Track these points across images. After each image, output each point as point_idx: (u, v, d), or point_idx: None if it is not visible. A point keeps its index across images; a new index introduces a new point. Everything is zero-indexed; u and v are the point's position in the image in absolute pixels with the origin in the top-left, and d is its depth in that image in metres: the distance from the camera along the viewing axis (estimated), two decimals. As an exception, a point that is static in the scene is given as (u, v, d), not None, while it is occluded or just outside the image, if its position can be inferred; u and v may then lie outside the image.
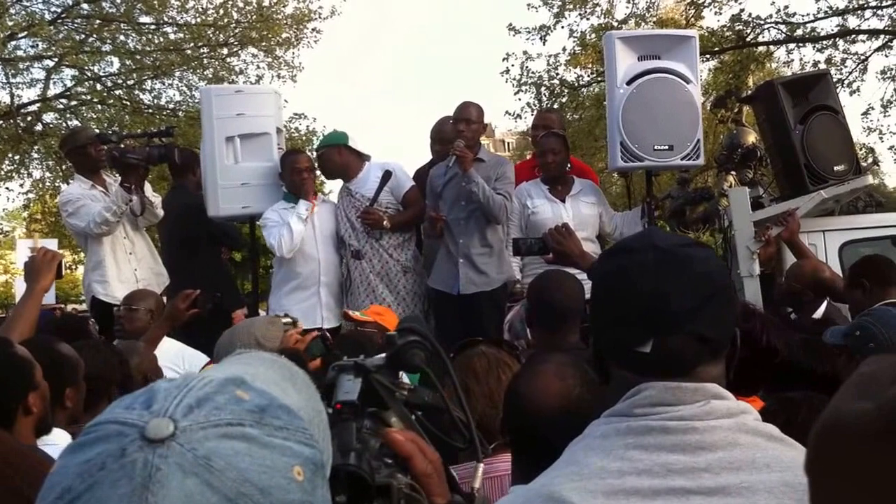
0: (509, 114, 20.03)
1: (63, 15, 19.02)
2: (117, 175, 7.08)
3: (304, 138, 20.34)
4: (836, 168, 6.86)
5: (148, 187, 7.24)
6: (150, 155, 6.91)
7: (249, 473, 0.91)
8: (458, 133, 6.66)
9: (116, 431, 0.92)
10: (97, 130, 12.18)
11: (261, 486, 0.91)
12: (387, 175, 6.94)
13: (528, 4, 18.73)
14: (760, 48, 18.34)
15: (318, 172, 7.65)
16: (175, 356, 5.61)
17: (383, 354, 1.63)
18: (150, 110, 20.27)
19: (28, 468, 2.30)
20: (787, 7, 17.56)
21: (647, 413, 1.63)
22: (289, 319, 5.90)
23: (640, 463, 1.58)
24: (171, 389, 0.97)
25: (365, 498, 1.28)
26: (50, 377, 3.18)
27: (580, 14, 18.62)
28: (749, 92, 15.76)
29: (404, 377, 1.73)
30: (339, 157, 7.15)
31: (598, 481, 1.58)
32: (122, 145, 7.15)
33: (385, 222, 6.87)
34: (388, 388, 1.54)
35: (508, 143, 54.54)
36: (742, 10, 17.64)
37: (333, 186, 18.92)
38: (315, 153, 7.39)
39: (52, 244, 12.54)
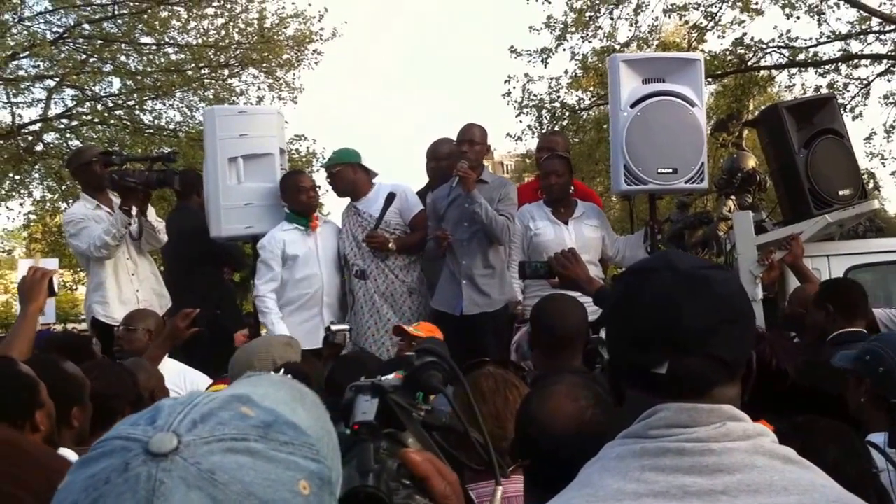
0: (510, 136, 20.08)
1: (65, 35, 19.05)
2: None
3: (304, 160, 20.36)
4: (840, 192, 6.85)
5: (151, 212, 7.25)
6: (148, 179, 6.88)
7: (254, 487, 0.91)
8: (462, 154, 6.68)
9: (121, 447, 0.93)
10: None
11: (265, 500, 0.92)
12: (390, 197, 6.92)
13: (530, 27, 18.79)
14: (762, 72, 18.36)
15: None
16: (177, 376, 5.58)
17: (392, 375, 1.62)
18: (151, 131, 20.30)
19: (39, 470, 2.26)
20: (789, 31, 17.59)
21: (663, 434, 1.62)
22: (343, 327, 5.90)
23: (657, 485, 1.57)
24: (175, 406, 0.99)
25: None
26: (56, 396, 3.16)
27: (582, 37, 18.65)
28: (750, 116, 15.80)
29: None
30: (354, 174, 7.16)
31: (615, 503, 1.57)
32: (125, 167, 7.13)
33: (391, 244, 6.87)
34: (405, 408, 1.53)
35: (507, 166, 54.58)
36: (744, 35, 17.65)
37: (332, 208, 18.98)
38: (327, 169, 7.33)
39: (52, 264, 12.56)
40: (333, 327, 6.07)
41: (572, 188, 7.18)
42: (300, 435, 1.01)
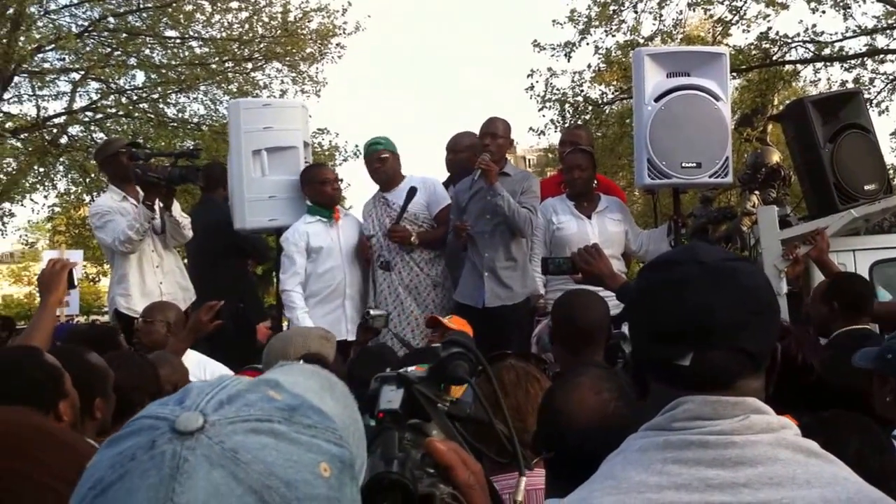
0: (533, 130, 20.03)
1: (90, 28, 19.15)
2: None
3: (327, 153, 20.38)
4: (866, 187, 6.81)
5: (177, 207, 7.26)
6: (171, 175, 6.85)
7: (275, 467, 0.93)
8: (484, 147, 6.67)
9: (149, 425, 0.95)
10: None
11: (286, 480, 0.93)
12: (412, 191, 6.91)
13: (554, 21, 18.71)
14: (787, 67, 18.24)
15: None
16: (196, 367, 5.59)
17: (412, 367, 1.62)
18: (175, 124, 20.40)
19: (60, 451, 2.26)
20: (814, 26, 17.44)
21: (686, 427, 1.63)
22: (381, 312, 5.87)
23: (679, 477, 1.58)
24: (204, 387, 1.01)
25: None
26: (80, 387, 3.18)
27: (606, 31, 18.58)
28: (775, 111, 15.72)
29: None
30: (396, 163, 7.18)
31: (637, 495, 1.58)
32: (149, 162, 7.13)
33: (413, 238, 6.86)
34: (430, 398, 1.54)
35: (529, 160, 54.55)
36: (769, 29, 17.51)
37: (354, 202, 18.95)
38: (374, 154, 7.20)
39: (76, 255, 12.62)
40: (372, 312, 6.07)
41: (595, 182, 7.16)
42: (324, 420, 1.02)
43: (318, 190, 6.99)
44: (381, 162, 7.16)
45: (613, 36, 18.65)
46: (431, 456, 1.37)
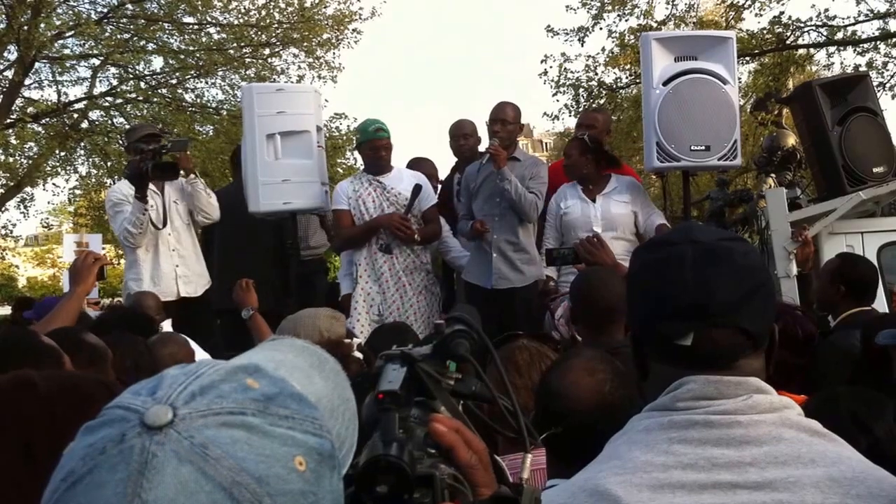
0: (547, 115, 20.02)
1: (109, 15, 19.25)
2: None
3: (344, 138, 20.41)
4: (875, 169, 6.81)
5: (201, 183, 7.40)
6: (139, 168, 6.95)
7: (246, 463, 0.92)
8: (494, 133, 6.72)
9: (120, 416, 0.94)
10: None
11: (257, 476, 0.92)
12: (417, 189, 6.92)
13: (567, 6, 18.70)
14: (800, 51, 18.17)
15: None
16: None
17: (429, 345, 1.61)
18: (193, 109, 20.49)
19: None
20: (827, 10, 17.46)
21: (690, 407, 1.65)
22: None
23: (685, 457, 1.61)
24: (178, 376, 0.99)
25: (406, 488, 1.26)
26: (78, 366, 3.23)
27: (619, 15, 18.58)
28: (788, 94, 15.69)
29: None
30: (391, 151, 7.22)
31: (644, 475, 1.61)
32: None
33: (417, 237, 6.90)
34: (433, 377, 1.51)
35: (546, 144, 54.41)
36: (782, 13, 17.47)
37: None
38: (383, 140, 7.13)
39: (96, 239, 12.69)
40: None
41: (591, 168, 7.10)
42: (304, 408, 1.01)
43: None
44: (387, 150, 7.16)
45: (626, 20, 18.65)
46: (432, 437, 1.35)
